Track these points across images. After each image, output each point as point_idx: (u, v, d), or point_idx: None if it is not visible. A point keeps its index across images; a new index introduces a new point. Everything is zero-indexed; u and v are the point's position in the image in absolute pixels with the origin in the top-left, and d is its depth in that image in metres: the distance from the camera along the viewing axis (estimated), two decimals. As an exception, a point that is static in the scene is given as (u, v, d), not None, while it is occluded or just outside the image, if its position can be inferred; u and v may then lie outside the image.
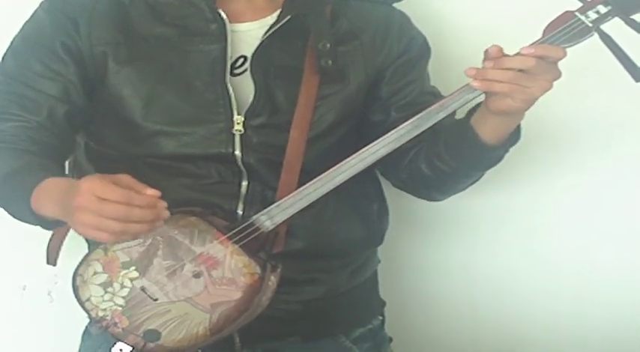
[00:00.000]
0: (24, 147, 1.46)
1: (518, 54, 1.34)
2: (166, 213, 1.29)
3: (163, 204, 1.28)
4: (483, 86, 1.35)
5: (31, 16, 1.53)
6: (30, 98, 1.48)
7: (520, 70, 1.33)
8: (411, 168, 1.54)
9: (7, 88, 1.50)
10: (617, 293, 1.90)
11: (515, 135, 1.45)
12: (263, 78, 1.47)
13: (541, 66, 1.33)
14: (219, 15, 1.48)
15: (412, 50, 1.58)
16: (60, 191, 1.33)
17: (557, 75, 1.35)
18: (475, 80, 1.35)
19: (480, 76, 1.35)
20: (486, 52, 1.36)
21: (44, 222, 1.39)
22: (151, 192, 1.27)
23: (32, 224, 1.41)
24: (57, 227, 1.42)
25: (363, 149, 1.41)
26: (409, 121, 1.40)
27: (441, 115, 1.40)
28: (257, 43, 1.48)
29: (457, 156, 1.48)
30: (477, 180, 1.55)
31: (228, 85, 1.46)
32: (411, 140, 1.41)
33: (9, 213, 1.44)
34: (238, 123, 1.46)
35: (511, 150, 1.47)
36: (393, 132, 1.40)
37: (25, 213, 1.38)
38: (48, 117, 1.48)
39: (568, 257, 1.90)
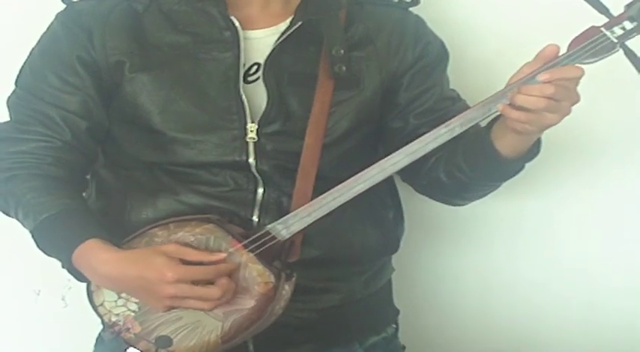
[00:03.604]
0: (51, 173, 1.48)
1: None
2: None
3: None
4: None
5: (48, 29, 1.54)
6: (51, 116, 1.49)
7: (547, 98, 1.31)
8: (431, 176, 1.53)
9: (28, 104, 1.51)
10: (631, 301, 1.89)
11: (535, 149, 1.44)
12: (276, 85, 1.47)
13: (561, 92, 1.32)
14: (232, 22, 1.47)
15: (429, 55, 1.57)
16: (119, 269, 1.38)
17: (577, 99, 1.34)
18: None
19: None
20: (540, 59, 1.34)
21: (77, 273, 1.43)
22: (217, 256, 1.38)
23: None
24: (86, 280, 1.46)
25: (383, 160, 1.40)
26: (430, 133, 1.39)
27: (462, 129, 1.38)
28: (270, 49, 1.47)
29: (476, 167, 1.47)
30: (499, 187, 1.54)
31: (242, 93, 1.46)
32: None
33: (39, 248, 1.46)
34: (252, 131, 1.46)
35: (528, 158, 1.47)
36: (414, 143, 1.39)
37: (59, 259, 1.43)
38: (72, 135, 1.49)
39: (583, 264, 1.89)
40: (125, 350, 1.43)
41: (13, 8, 1.77)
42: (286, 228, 1.42)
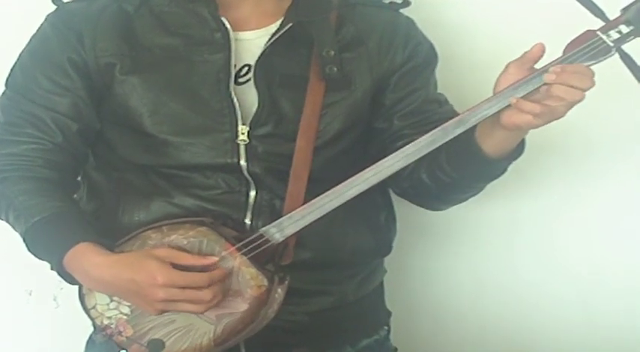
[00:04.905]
0: (42, 175, 1.48)
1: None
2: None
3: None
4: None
5: (38, 30, 1.53)
6: (42, 118, 1.49)
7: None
8: (413, 177, 1.52)
9: (18, 105, 1.51)
10: (626, 302, 1.89)
11: (519, 149, 1.43)
12: (267, 87, 1.47)
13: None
14: (223, 23, 1.47)
15: (418, 57, 1.56)
16: (110, 272, 1.38)
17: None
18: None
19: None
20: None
21: (67, 276, 1.43)
22: (209, 260, 1.38)
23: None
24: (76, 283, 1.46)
25: (379, 162, 1.40)
26: (426, 136, 1.38)
27: (459, 131, 1.37)
28: (260, 51, 1.47)
29: (459, 167, 1.46)
30: (480, 191, 1.54)
31: (232, 95, 1.46)
32: None
33: (30, 251, 1.46)
34: (243, 133, 1.46)
35: (521, 158, 1.45)
36: (410, 146, 1.38)
37: (50, 262, 1.43)
38: (63, 137, 1.49)
39: (578, 266, 1.89)
40: (116, 352, 1.43)
41: (6, 9, 1.77)
42: (280, 231, 1.42)
